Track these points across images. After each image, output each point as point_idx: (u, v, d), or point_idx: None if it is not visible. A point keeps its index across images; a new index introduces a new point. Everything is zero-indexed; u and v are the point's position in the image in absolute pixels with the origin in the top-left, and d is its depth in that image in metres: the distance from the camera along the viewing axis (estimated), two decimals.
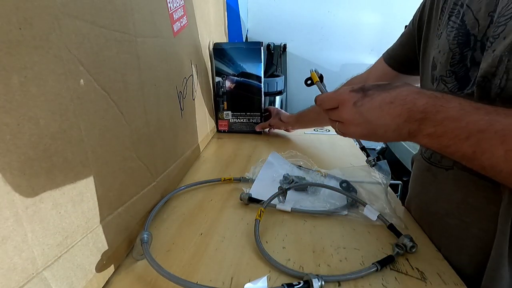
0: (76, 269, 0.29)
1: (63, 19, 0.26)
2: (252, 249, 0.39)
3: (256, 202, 0.50)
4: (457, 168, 0.37)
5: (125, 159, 0.37)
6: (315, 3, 2.43)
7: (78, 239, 0.29)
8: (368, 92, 0.34)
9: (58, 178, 0.26)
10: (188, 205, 0.51)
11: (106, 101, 0.33)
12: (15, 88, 0.22)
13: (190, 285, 0.30)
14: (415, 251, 0.38)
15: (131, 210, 0.39)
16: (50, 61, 0.24)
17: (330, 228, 0.44)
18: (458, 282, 0.34)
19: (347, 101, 0.35)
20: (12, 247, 0.22)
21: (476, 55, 0.34)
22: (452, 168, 0.38)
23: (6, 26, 0.21)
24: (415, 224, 0.46)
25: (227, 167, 0.67)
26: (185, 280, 0.30)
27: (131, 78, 0.38)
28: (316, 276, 0.32)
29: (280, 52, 2.56)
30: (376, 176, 0.60)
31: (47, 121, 0.24)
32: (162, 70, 0.48)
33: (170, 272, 0.31)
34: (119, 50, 0.35)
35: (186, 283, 0.30)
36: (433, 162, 0.41)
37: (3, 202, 0.21)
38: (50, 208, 0.25)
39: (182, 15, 0.58)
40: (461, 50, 0.36)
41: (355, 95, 0.34)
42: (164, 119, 0.50)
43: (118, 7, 0.35)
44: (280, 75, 2.41)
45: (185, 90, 0.61)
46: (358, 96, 0.34)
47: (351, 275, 0.34)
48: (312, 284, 0.31)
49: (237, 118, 0.91)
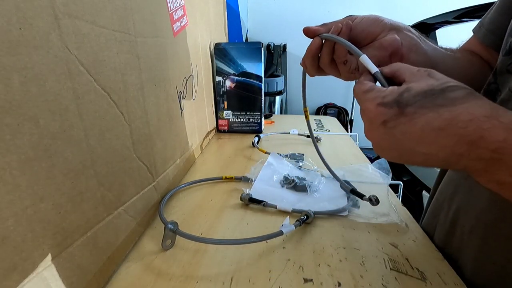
0: (76, 269, 0.29)
1: (63, 19, 0.26)
2: (252, 249, 0.39)
3: (257, 202, 0.50)
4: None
5: (125, 159, 0.37)
6: (315, 3, 2.44)
7: (78, 239, 0.29)
8: (406, 109, 0.23)
9: (58, 178, 0.26)
10: (188, 205, 0.51)
11: (106, 101, 0.33)
12: (15, 88, 0.22)
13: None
14: (378, 205, 0.43)
15: (131, 210, 0.39)
16: (50, 61, 0.24)
17: (330, 228, 0.44)
18: (458, 282, 0.34)
19: (374, 119, 0.25)
20: (12, 247, 0.22)
21: None
22: None
23: (6, 26, 0.21)
24: (415, 224, 0.46)
25: (227, 167, 0.67)
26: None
27: (131, 78, 0.38)
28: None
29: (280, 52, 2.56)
30: (376, 175, 0.60)
31: (47, 121, 0.24)
32: (162, 70, 0.48)
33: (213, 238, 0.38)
34: (119, 50, 0.35)
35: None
36: None
37: (3, 202, 0.21)
38: (50, 208, 0.25)
39: (182, 15, 0.58)
40: None
41: (386, 112, 0.23)
42: (164, 119, 0.50)
43: (118, 7, 0.35)
44: (280, 75, 2.41)
45: (185, 90, 0.61)
46: (391, 113, 0.23)
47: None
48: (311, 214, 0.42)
49: (237, 118, 0.91)
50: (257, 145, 0.77)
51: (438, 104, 0.21)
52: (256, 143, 0.79)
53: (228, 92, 0.88)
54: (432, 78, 0.24)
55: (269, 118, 1.14)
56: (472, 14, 1.07)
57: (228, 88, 0.87)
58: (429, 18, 1.27)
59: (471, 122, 0.20)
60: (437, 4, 1.81)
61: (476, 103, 0.21)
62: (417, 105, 0.22)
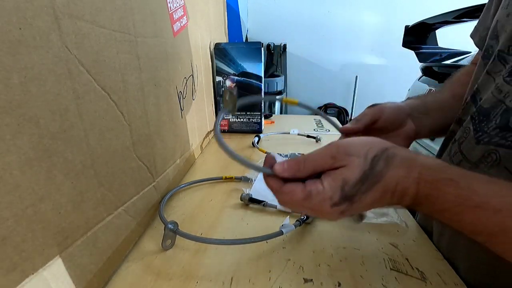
0: (76, 269, 0.29)
1: (63, 19, 0.26)
2: (252, 249, 0.39)
3: (257, 202, 0.50)
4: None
5: (125, 159, 0.37)
6: (315, 3, 2.43)
7: (78, 239, 0.29)
8: (354, 198, 0.26)
9: (58, 178, 0.26)
10: (188, 205, 0.51)
11: (106, 101, 0.33)
12: (15, 88, 0.22)
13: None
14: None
15: (131, 210, 0.39)
16: (50, 61, 0.24)
17: (330, 228, 0.44)
18: (458, 282, 0.34)
19: (332, 216, 0.27)
20: (12, 247, 0.22)
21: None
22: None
23: (6, 26, 0.21)
24: (415, 224, 0.46)
25: (227, 167, 0.67)
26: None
27: (131, 78, 0.38)
28: None
29: (280, 52, 2.56)
30: None
31: (47, 121, 0.24)
32: (162, 70, 0.48)
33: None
34: (119, 50, 0.35)
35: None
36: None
37: (3, 202, 0.21)
38: (50, 208, 0.25)
39: (182, 15, 0.58)
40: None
41: (340, 208, 0.26)
42: (164, 119, 0.50)
43: (118, 7, 0.35)
44: (280, 75, 2.41)
45: (185, 90, 0.61)
46: (344, 207, 0.26)
47: None
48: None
49: (237, 118, 0.91)
50: (257, 145, 0.77)
51: (373, 182, 0.26)
52: (256, 143, 0.79)
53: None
54: (358, 157, 0.27)
55: (269, 118, 1.14)
56: (472, 14, 1.07)
57: (228, 88, 0.87)
58: (429, 18, 1.27)
59: (397, 185, 0.26)
60: (437, 4, 1.81)
61: (394, 167, 0.26)
62: (360, 192, 0.26)
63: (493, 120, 0.32)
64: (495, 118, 0.32)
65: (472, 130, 0.35)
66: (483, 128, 0.33)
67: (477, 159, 0.33)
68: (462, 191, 0.24)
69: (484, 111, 0.34)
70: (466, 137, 0.36)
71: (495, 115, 0.32)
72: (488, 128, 0.32)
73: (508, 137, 0.30)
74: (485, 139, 0.32)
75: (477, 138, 0.34)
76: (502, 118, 0.31)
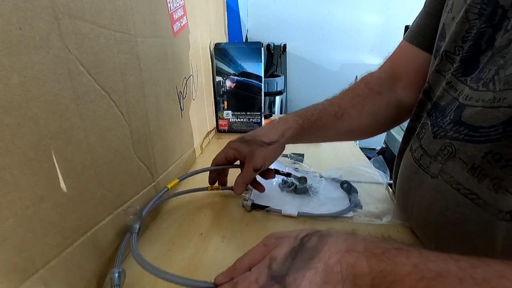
0: (76, 269, 0.29)
1: (63, 19, 0.26)
2: None
3: (261, 208, 0.48)
4: (441, 178, 0.34)
5: (125, 159, 0.37)
6: (315, 3, 2.43)
7: (78, 239, 0.29)
8: (286, 280, 0.22)
9: (58, 178, 0.26)
10: (188, 205, 0.51)
11: (106, 101, 0.33)
12: (15, 88, 0.22)
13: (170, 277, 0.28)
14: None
15: (131, 210, 0.39)
16: (50, 61, 0.24)
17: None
18: None
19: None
20: (12, 247, 0.22)
21: (498, 36, 0.28)
22: (436, 176, 0.34)
23: (6, 26, 0.21)
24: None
25: None
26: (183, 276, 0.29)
27: (131, 78, 0.38)
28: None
29: (280, 52, 2.56)
30: (375, 175, 0.60)
31: (47, 121, 0.24)
32: (162, 70, 0.48)
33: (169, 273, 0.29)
34: (119, 50, 0.35)
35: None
36: (422, 165, 0.37)
37: (3, 202, 0.21)
38: (50, 208, 0.25)
39: (182, 15, 0.58)
40: (480, 23, 0.29)
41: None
42: (164, 119, 0.50)
43: (118, 7, 0.35)
44: (280, 75, 2.41)
45: (185, 90, 0.61)
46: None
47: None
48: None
49: (237, 118, 0.91)
50: None
51: (307, 258, 0.22)
52: None
53: (228, 92, 0.88)
54: (289, 238, 0.25)
55: (269, 118, 1.13)
56: None
57: (228, 88, 0.87)
58: None
59: (340, 262, 0.21)
60: None
61: (332, 242, 0.23)
62: (292, 271, 0.22)
63: (448, 115, 0.34)
64: (449, 114, 0.34)
65: (429, 126, 0.37)
66: (439, 123, 0.35)
67: (435, 152, 0.35)
68: (416, 259, 0.20)
69: (440, 108, 0.36)
70: (425, 133, 0.38)
71: (450, 111, 0.34)
72: (443, 123, 0.34)
73: (461, 130, 0.31)
74: (441, 133, 0.34)
75: (434, 133, 0.36)
76: (455, 113, 0.33)
